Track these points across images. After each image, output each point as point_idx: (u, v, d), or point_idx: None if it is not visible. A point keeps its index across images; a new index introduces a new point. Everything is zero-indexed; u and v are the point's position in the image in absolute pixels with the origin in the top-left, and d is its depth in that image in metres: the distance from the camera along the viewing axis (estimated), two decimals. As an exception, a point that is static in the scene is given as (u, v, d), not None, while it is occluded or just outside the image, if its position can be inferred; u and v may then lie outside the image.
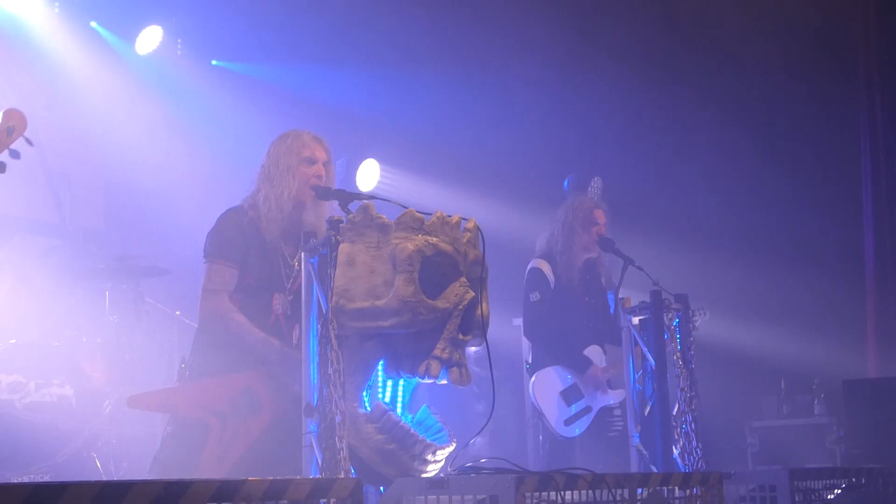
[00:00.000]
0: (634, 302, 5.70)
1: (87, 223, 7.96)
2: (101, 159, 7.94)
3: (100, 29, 8.07)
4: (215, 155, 8.47)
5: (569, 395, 6.28)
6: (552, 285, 6.41)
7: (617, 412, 6.35)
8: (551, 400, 6.25)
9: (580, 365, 6.32)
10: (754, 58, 9.33)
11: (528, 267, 6.55)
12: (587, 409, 6.30)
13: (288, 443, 4.27)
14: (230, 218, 4.80)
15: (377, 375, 4.32)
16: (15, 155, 4.26)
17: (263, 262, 4.75)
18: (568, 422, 6.24)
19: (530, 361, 6.48)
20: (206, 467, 4.39)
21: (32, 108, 7.28)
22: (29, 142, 4.23)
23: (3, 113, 4.15)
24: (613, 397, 6.37)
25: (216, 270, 4.68)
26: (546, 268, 6.44)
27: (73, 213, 7.58)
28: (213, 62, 8.79)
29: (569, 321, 6.38)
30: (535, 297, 6.38)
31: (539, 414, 6.26)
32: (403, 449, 4.13)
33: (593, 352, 6.40)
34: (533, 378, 6.31)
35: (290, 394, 4.44)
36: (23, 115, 4.25)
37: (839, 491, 5.24)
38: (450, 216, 4.26)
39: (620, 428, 6.25)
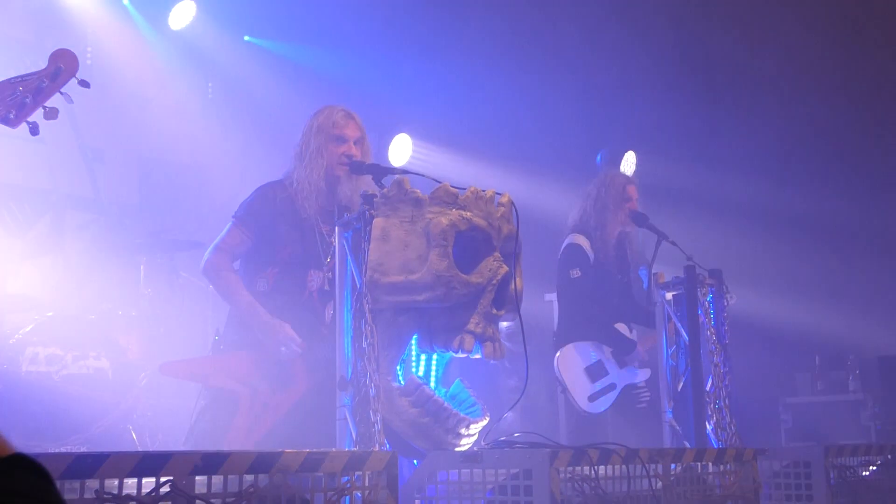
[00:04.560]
0: (668, 277, 5.66)
1: (122, 197, 8.00)
2: (135, 134, 7.97)
3: (130, 8, 8.07)
4: (248, 129, 8.48)
5: (593, 371, 6.24)
6: (591, 261, 6.34)
7: (642, 385, 6.32)
8: (575, 375, 6.21)
9: (625, 344, 6.26)
10: (792, 32, 9.21)
11: (566, 242, 6.44)
12: (611, 387, 6.25)
13: (318, 418, 4.30)
14: (264, 190, 4.87)
15: (411, 349, 4.33)
16: (69, 99, 3.93)
17: (298, 238, 4.77)
18: (592, 398, 6.20)
19: (570, 336, 6.41)
20: (234, 438, 4.43)
21: (66, 84, 7.37)
22: (85, 83, 3.90)
23: (51, 55, 3.80)
24: (640, 376, 6.33)
25: (232, 232, 4.80)
26: (585, 243, 6.34)
27: (108, 188, 7.61)
28: (246, 38, 8.78)
29: (605, 298, 6.32)
30: (575, 273, 6.28)
31: (563, 389, 6.23)
32: (437, 422, 4.14)
33: (620, 329, 6.35)
34: (558, 353, 6.27)
35: (281, 365, 4.53)
36: (73, 55, 3.83)
37: (874, 468, 5.21)
38: (484, 191, 4.25)
39: (648, 398, 6.23)
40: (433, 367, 4.42)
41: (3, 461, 1.23)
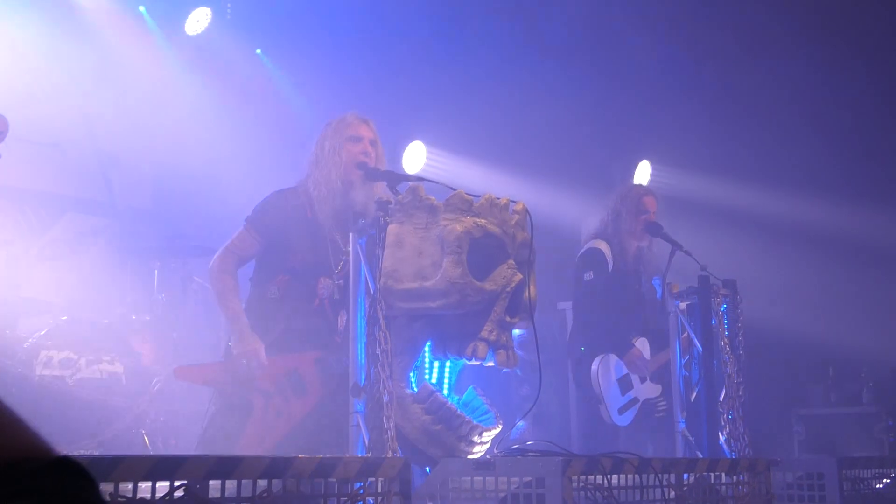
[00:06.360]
0: (682, 287, 5.64)
1: (136, 203, 8.02)
2: (149, 139, 7.99)
3: (146, 15, 8.11)
4: (262, 136, 8.49)
5: (623, 384, 6.23)
6: (610, 267, 6.31)
7: (659, 397, 6.31)
8: (610, 387, 6.19)
9: (620, 350, 6.24)
10: (811, 41, 9.18)
11: (585, 247, 6.43)
12: (635, 400, 6.25)
13: (330, 427, 4.30)
14: (276, 196, 4.90)
15: (424, 356, 4.33)
16: None
17: (310, 246, 4.77)
18: (621, 410, 6.20)
19: (586, 345, 6.37)
20: (246, 446, 4.42)
21: (83, 89, 7.41)
22: None
23: None
24: (654, 391, 6.31)
25: (241, 235, 4.82)
26: (605, 248, 6.33)
27: (122, 193, 7.63)
28: (258, 51, 8.78)
29: (620, 307, 6.30)
30: (589, 276, 6.25)
31: (598, 400, 6.17)
32: (450, 430, 4.13)
33: (641, 344, 6.32)
34: (595, 364, 6.22)
35: (295, 373, 4.54)
36: (6, 120, 4.69)
37: (888, 480, 5.19)
38: (498, 198, 4.25)
39: (665, 407, 6.20)
40: (446, 374, 4.42)
41: (50, 464, 1.26)
